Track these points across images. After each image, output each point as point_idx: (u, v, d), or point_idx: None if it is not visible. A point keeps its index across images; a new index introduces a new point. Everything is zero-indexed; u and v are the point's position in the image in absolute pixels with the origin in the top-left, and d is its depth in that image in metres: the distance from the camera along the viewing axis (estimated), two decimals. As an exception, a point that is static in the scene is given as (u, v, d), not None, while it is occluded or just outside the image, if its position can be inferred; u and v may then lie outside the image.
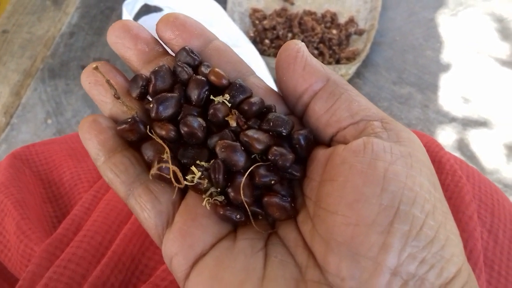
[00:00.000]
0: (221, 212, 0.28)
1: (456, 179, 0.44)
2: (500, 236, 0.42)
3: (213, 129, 0.31)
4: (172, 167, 0.28)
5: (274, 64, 1.28)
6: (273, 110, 0.31)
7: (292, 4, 1.52)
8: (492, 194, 0.46)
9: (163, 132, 0.29)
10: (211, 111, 0.30)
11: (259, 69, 1.05)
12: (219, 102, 0.30)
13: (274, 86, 1.07)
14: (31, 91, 1.39)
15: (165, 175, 0.28)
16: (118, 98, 0.31)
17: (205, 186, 0.28)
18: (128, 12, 1.00)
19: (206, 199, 0.28)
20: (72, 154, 0.55)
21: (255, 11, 1.46)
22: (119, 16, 1.51)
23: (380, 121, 0.28)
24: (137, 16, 1.11)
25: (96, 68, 0.31)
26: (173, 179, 0.28)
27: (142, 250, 0.41)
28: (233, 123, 0.30)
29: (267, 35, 1.37)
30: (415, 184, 0.24)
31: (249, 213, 0.28)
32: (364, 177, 0.24)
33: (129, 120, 0.30)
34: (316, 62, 0.30)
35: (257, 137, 0.29)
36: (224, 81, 0.31)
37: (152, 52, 0.33)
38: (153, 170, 0.28)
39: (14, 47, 1.48)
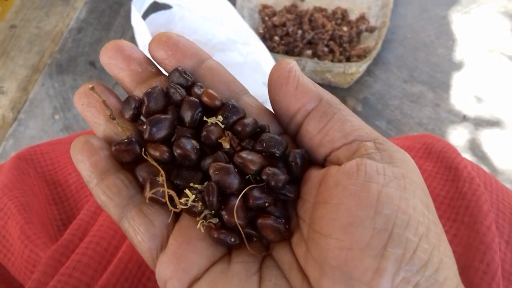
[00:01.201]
0: (215, 236, 0.28)
1: (473, 187, 0.43)
2: None
3: (207, 151, 0.31)
4: (169, 191, 0.28)
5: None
6: (267, 130, 0.31)
7: (303, 0, 1.50)
8: (510, 202, 0.45)
9: (157, 154, 0.29)
10: (204, 133, 0.30)
11: (268, 67, 1.04)
12: (212, 123, 0.30)
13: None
14: (39, 86, 1.39)
15: (160, 199, 0.28)
16: (114, 118, 0.31)
17: (199, 208, 0.28)
18: (136, 10, 0.99)
19: (200, 221, 0.28)
20: (78, 155, 0.55)
21: (264, 7, 1.45)
22: (128, 12, 1.50)
23: (373, 141, 0.28)
24: (146, 14, 1.10)
25: (93, 89, 0.31)
26: (168, 203, 0.28)
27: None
28: (226, 145, 0.30)
29: (277, 32, 1.36)
30: (409, 206, 0.24)
31: (243, 236, 0.28)
32: (358, 200, 0.24)
33: (125, 140, 0.30)
34: (308, 82, 0.30)
35: (250, 159, 0.29)
36: (217, 102, 0.31)
37: (145, 72, 0.33)
38: (149, 194, 0.28)
39: (22, 42, 1.47)
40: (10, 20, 1.53)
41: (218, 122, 0.30)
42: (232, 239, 0.28)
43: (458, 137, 1.24)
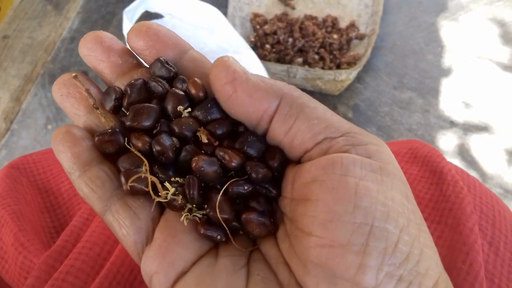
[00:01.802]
0: (202, 232, 0.28)
1: (457, 190, 0.43)
2: (501, 248, 0.42)
3: (189, 144, 0.30)
4: (152, 178, 0.27)
5: (274, 69, 1.28)
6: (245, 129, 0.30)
7: (293, 8, 1.51)
8: (493, 205, 0.46)
9: (140, 144, 0.28)
10: (178, 125, 0.29)
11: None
12: (190, 116, 0.30)
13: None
14: (32, 96, 1.39)
15: (143, 187, 0.27)
16: (97, 108, 0.30)
17: (179, 202, 0.27)
18: (128, 20, 0.99)
19: (184, 215, 0.28)
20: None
21: (256, 16, 1.46)
22: (120, 21, 1.51)
23: (346, 135, 0.26)
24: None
25: (76, 77, 0.30)
26: (151, 192, 0.27)
27: (141, 261, 0.40)
28: (204, 139, 0.29)
29: (268, 40, 1.37)
30: (387, 198, 0.24)
31: (228, 232, 0.28)
32: (336, 194, 0.24)
33: (109, 130, 0.29)
34: (259, 81, 0.28)
35: (231, 153, 0.28)
36: (201, 94, 0.30)
37: (126, 64, 0.32)
38: (129, 183, 0.27)
39: (15, 52, 1.48)
40: (3, 30, 1.53)
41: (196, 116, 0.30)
42: (219, 237, 0.27)
43: (447, 143, 1.25)
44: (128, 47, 0.33)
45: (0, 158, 1.28)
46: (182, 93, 0.30)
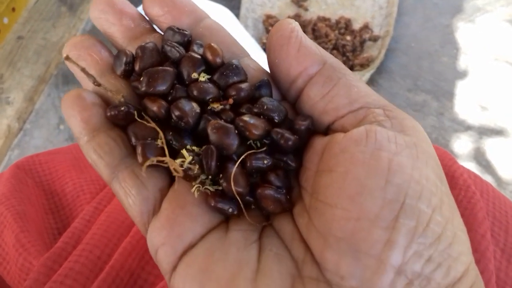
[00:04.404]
0: (212, 204, 0.26)
1: (469, 194, 0.42)
2: None
3: (206, 111, 0.28)
4: (165, 159, 0.25)
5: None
6: (269, 88, 0.29)
7: (306, 10, 1.51)
8: (507, 210, 0.44)
9: (155, 108, 0.27)
10: (197, 89, 0.28)
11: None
12: (206, 80, 0.28)
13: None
14: (45, 96, 1.41)
15: (161, 164, 0.26)
16: (99, 85, 0.29)
17: (195, 172, 0.26)
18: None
19: (196, 186, 0.26)
20: (75, 164, 0.55)
21: (268, 17, 1.46)
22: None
23: (382, 108, 0.26)
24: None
25: (68, 58, 0.29)
26: (170, 165, 0.25)
27: (141, 265, 0.40)
28: (218, 108, 0.28)
29: (280, 42, 1.36)
30: (422, 176, 0.23)
31: (242, 206, 0.26)
32: (367, 168, 0.23)
33: (122, 108, 0.28)
34: (311, 44, 0.28)
35: (253, 123, 0.26)
36: (218, 60, 0.29)
37: (138, 28, 0.31)
38: (148, 162, 0.26)
39: (29, 53, 1.49)
40: (17, 31, 1.55)
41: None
42: (230, 210, 0.26)
43: (461, 146, 1.23)
44: (135, 10, 0.32)
45: (13, 157, 1.29)
46: (199, 56, 0.29)
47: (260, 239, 0.26)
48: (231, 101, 0.28)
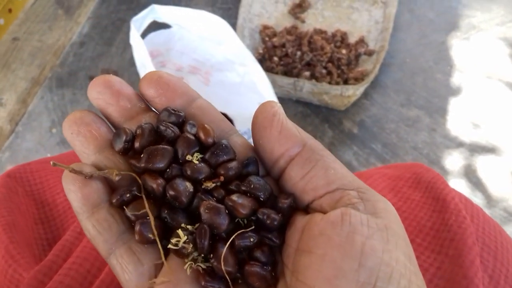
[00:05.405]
0: (203, 284, 0.28)
1: (460, 219, 0.43)
2: (502, 282, 0.41)
3: (199, 189, 0.30)
4: (160, 247, 0.27)
5: (281, 82, 1.28)
6: (256, 165, 0.31)
7: (303, 22, 1.51)
8: (496, 236, 0.45)
9: (154, 185, 0.29)
10: (191, 170, 0.30)
11: (264, 89, 1.04)
12: (198, 162, 0.30)
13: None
14: (38, 99, 1.40)
15: (153, 237, 0.28)
16: (91, 177, 0.29)
17: (189, 250, 0.27)
18: (136, 29, 0.99)
19: (188, 264, 0.28)
20: (67, 174, 0.55)
21: (265, 27, 1.46)
22: (129, 28, 1.51)
23: (356, 190, 0.28)
24: (145, 33, 1.11)
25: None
26: (160, 246, 0.27)
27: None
28: (210, 186, 0.30)
29: (276, 53, 1.37)
30: (392, 259, 0.24)
31: (231, 285, 0.28)
32: (342, 251, 0.25)
33: (127, 195, 0.29)
34: (292, 126, 0.30)
35: (241, 202, 0.28)
36: (210, 140, 0.31)
37: (134, 108, 0.33)
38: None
39: (24, 54, 1.49)
40: (13, 32, 1.54)
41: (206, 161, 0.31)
42: None
43: (452, 163, 1.24)
44: (131, 90, 0.34)
45: (3, 159, 1.29)
46: (193, 137, 0.31)
47: None
48: (222, 178, 0.30)
